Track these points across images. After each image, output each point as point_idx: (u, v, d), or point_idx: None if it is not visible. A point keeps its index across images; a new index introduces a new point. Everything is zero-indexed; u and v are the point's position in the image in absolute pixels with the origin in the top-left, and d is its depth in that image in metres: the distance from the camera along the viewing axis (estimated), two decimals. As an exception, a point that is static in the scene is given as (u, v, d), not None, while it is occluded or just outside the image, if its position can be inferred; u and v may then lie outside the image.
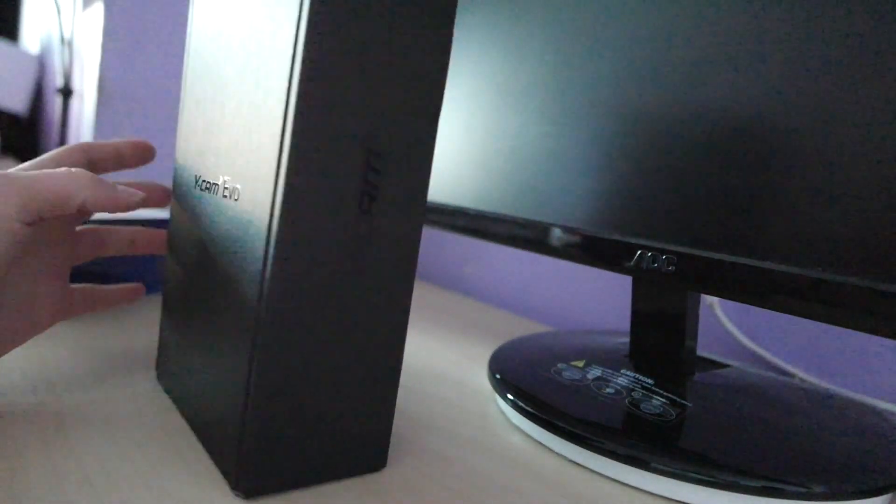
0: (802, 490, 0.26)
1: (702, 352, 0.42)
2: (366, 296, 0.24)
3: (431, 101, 0.24)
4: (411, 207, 0.24)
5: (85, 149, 0.31)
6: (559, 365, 0.37)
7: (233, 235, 0.24)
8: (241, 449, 0.22)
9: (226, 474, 0.23)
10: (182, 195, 0.30)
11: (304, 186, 0.21)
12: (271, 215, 0.21)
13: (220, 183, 0.25)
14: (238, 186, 0.24)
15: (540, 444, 0.32)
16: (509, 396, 0.33)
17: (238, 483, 0.23)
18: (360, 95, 0.22)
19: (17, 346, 0.29)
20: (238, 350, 0.23)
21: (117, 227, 0.37)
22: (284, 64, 0.21)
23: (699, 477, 0.27)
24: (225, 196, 0.25)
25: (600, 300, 0.62)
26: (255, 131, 0.23)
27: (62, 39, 1.05)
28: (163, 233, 0.37)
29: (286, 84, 0.21)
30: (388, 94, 0.23)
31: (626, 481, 0.29)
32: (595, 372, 0.35)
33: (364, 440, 0.25)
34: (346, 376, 0.24)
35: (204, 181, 0.27)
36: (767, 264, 0.29)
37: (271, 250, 0.21)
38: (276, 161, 0.21)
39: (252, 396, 0.22)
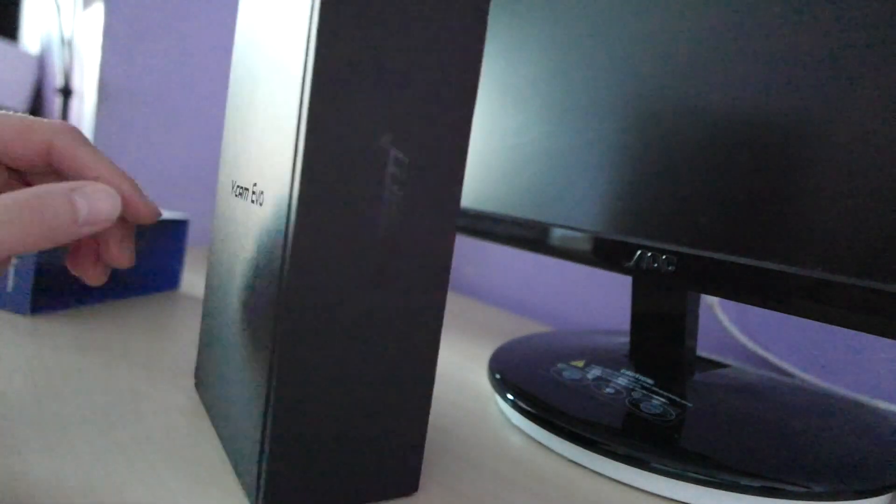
0: (803, 490, 0.26)
1: (702, 352, 0.42)
2: (393, 307, 0.23)
3: (461, 108, 0.23)
4: (441, 216, 0.23)
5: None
6: (559, 365, 0.37)
7: (258, 241, 0.23)
8: (261, 469, 0.22)
9: (249, 493, 0.23)
10: (222, 201, 0.30)
11: (319, 192, 0.21)
12: (287, 221, 0.21)
13: (250, 188, 0.25)
14: (262, 191, 0.24)
15: (540, 444, 0.32)
16: (509, 396, 0.33)
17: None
18: (376, 100, 0.21)
19: None
20: (259, 363, 0.22)
21: None
22: (298, 67, 0.21)
23: (699, 477, 0.27)
24: (253, 201, 0.24)
25: (600, 300, 0.62)
26: (276, 134, 0.22)
27: (62, 39, 1.05)
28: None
29: (300, 84, 0.21)
30: (412, 94, 0.22)
31: (626, 481, 0.29)
32: (595, 372, 0.35)
33: (395, 463, 0.24)
34: (373, 394, 0.23)
35: (238, 186, 0.27)
36: (767, 264, 0.29)
37: (287, 258, 0.21)
38: (291, 165, 0.21)
39: (272, 412, 0.21)
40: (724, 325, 0.50)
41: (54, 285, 0.47)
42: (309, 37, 0.20)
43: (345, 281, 0.22)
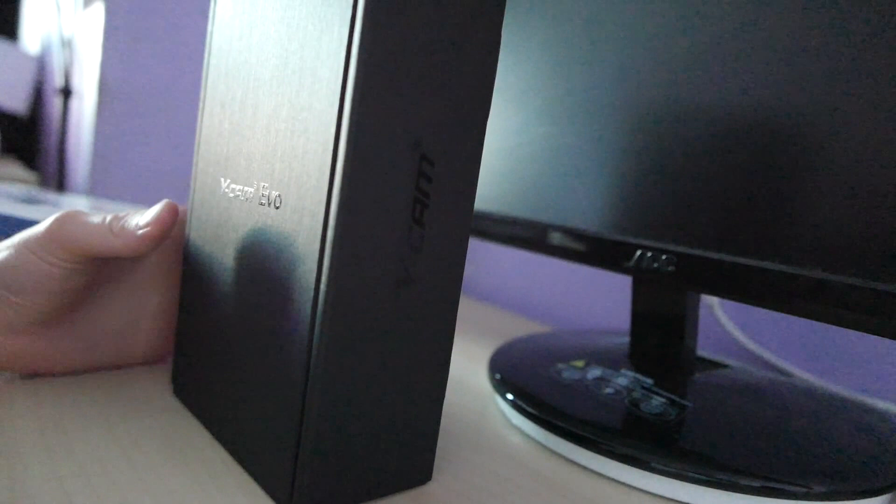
0: (802, 490, 0.26)
1: (702, 352, 0.42)
2: (416, 307, 0.23)
3: (480, 106, 0.23)
4: (460, 217, 0.24)
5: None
6: (559, 365, 0.37)
7: (275, 245, 0.23)
8: (295, 473, 0.22)
9: (273, 494, 0.23)
10: (204, 201, 0.29)
11: (360, 195, 0.21)
12: (325, 225, 0.21)
13: (254, 189, 0.25)
14: (278, 194, 0.23)
15: (540, 444, 0.32)
16: (509, 396, 0.33)
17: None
18: (412, 99, 0.21)
19: (105, 368, 0.32)
20: (289, 363, 0.22)
21: None
22: (335, 66, 0.20)
23: (699, 477, 0.27)
24: (262, 203, 0.24)
25: (600, 300, 0.62)
26: (300, 136, 0.22)
27: (62, 39, 1.05)
28: None
29: (338, 87, 0.20)
30: (440, 98, 0.22)
31: (626, 481, 0.29)
32: (595, 372, 0.35)
33: (413, 453, 0.25)
34: (397, 391, 0.24)
35: (233, 186, 0.26)
36: (767, 264, 0.29)
37: (326, 261, 0.21)
38: (328, 168, 0.21)
39: (312, 413, 0.21)
40: (724, 325, 0.50)
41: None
42: (351, 33, 0.20)
43: (376, 283, 0.22)
